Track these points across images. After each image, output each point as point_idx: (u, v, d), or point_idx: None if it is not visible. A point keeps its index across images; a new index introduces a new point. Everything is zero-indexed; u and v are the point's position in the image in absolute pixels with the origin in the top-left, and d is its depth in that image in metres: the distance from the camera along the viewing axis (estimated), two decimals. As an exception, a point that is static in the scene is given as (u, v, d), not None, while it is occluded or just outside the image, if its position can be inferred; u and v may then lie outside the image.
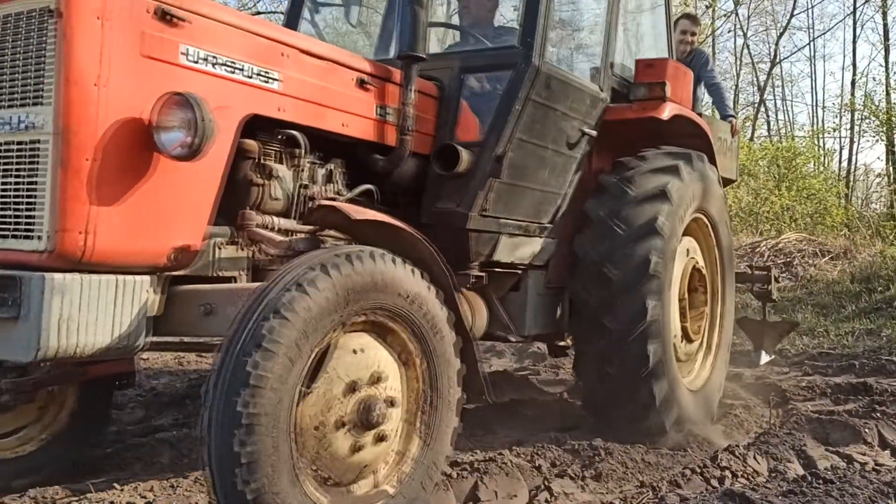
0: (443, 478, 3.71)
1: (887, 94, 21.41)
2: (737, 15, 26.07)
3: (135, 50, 2.91)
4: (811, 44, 29.35)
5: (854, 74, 24.85)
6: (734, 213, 16.48)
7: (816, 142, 23.85)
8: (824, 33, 36.11)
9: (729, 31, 26.84)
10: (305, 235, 3.36)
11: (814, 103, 31.72)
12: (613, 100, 5.21)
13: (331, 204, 3.22)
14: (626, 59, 5.57)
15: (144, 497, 3.61)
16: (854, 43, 34.44)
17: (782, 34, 26.81)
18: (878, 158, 36.20)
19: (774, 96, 29.99)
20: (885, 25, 23.10)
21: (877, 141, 23.87)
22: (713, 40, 24.01)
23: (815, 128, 26.85)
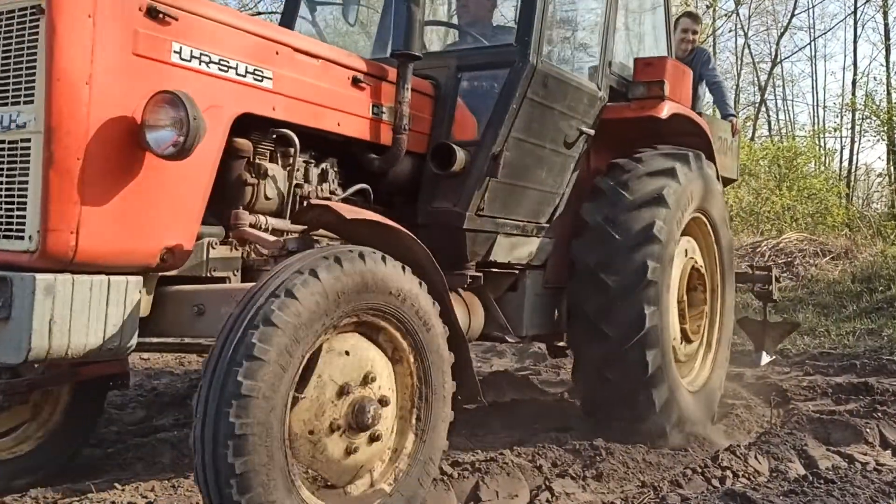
0: (442, 476, 3.71)
1: (888, 93, 21.40)
2: (738, 15, 26.09)
3: (126, 48, 2.88)
4: (812, 43, 29.34)
5: (855, 74, 24.83)
6: (735, 212, 16.47)
7: (817, 141, 23.85)
8: (825, 33, 36.08)
9: (730, 31, 26.89)
10: (298, 235, 3.32)
11: (815, 103, 31.90)
12: (612, 99, 5.16)
13: (323, 203, 3.18)
14: (627, 58, 5.54)
15: (146, 497, 3.60)
16: (855, 43, 34.57)
17: (783, 34, 26.81)
18: (879, 158, 36.14)
19: (775, 96, 29.99)
20: (886, 25, 23.06)
21: (878, 140, 23.86)
22: (714, 40, 24.00)
23: (815, 127, 26.83)
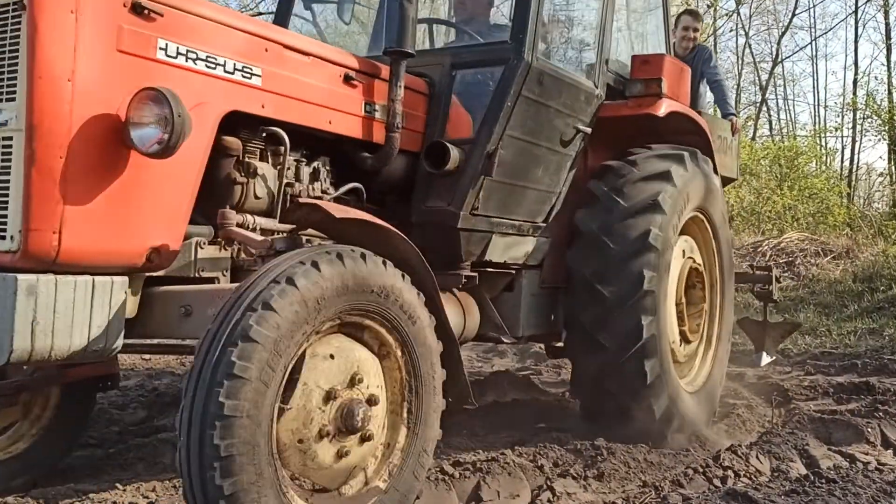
0: (443, 476, 3.70)
1: (889, 93, 21.33)
2: (738, 14, 26.02)
3: (109, 45, 2.83)
4: (813, 43, 29.24)
5: (856, 74, 24.72)
6: (736, 212, 16.43)
7: (818, 141, 23.78)
8: (826, 32, 36.03)
9: (731, 31, 26.82)
10: (286, 235, 3.27)
11: (816, 102, 31.73)
12: (610, 97, 5.12)
13: (311, 202, 3.12)
14: (629, 57, 5.48)
15: (147, 497, 3.58)
16: (856, 42, 34.32)
17: (784, 33, 26.70)
18: (881, 158, 35.94)
19: (776, 96, 29.90)
20: (887, 25, 22.99)
21: (879, 140, 23.79)
22: (715, 39, 23.93)
23: (817, 127, 26.75)
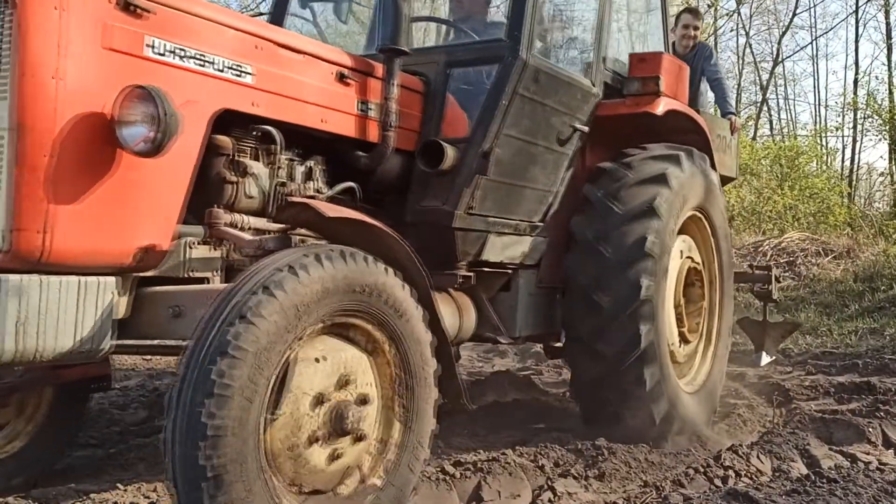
0: (444, 476, 3.68)
1: (890, 92, 21.28)
2: (739, 14, 26.02)
3: (95, 42, 2.79)
4: (813, 43, 29.21)
5: (856, 73, 24.70)
6: (737, 212, 16.40)
7: (819, 141, 23.75)
8: (826, 32, 36.01)
9: (731, 31, 26.82)
10: (276, 234, 3.23)
11: (816, 102, 31.73)
12: (608, 95, 5.08)
13: (302, 201, 3.07)
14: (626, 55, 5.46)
15: (148, 497, 3.57)
16: (856, 42, 34.33)
17: (784, 33, 26.68)
18: (881, 157, 35.89)
19: (777, 95, 29.88)
20: (888, 24, 22.99)
21: (879, 140, 23.77)
22: (715, 39, 23.90)
23: (817, 127, 26.70)
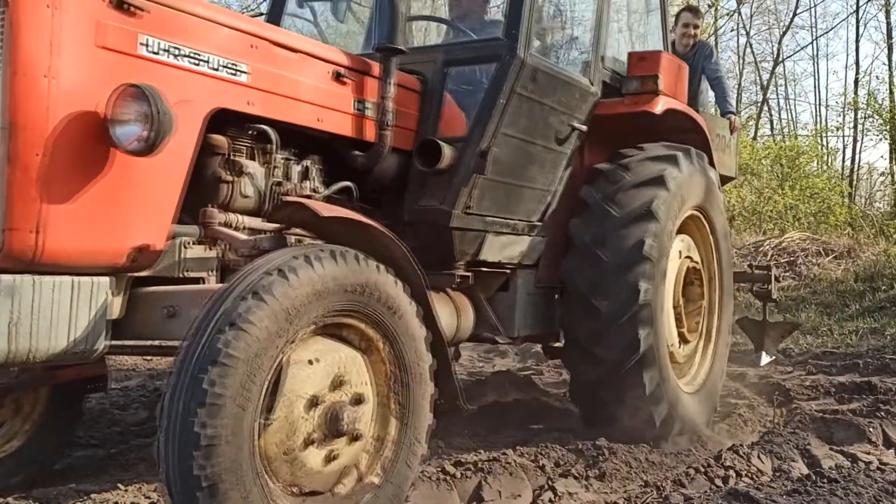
0: (445, 476, 3.67)
1: (891, 92, 21.26)
2: (739, 14, 26.02)
3: (88, 40, 2.77)
4: (814, 42, 29.19)
5: (857, 73, 24.70)
6: (738, 212, 16.38)
7: (820, 140, 23.74)
8: (827, 32, 35.81)
9: (732, 31, 26.81)
10: (271, 234, 3.21)
11: (817, 102, 31.69)
12: (607, 94, 5.05)
13: (297, 200, 3.05)
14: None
15: (149, 497, 3.56)
16: (857, 42, 34.11)
17: (785, 33, 26.66)
18: (882, 157, 35.88)
19: (777, 95, 29.85)
20: (889, 24, 22.99)
21: (880, 139, 23.74)
22: (716, 39, 23.88)
23: (818, 126, 26.67)
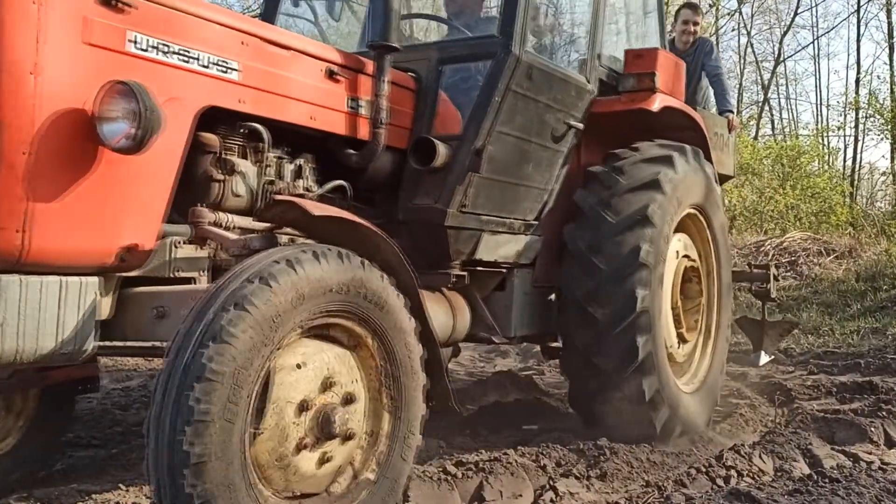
0: (446, 476, 3.65)
1: (892, 91, 21.29)
2: (740, 13, 26.05)
3: (75, 37, 2.74)
4: (815, 42, 29.21)
5: (858, 73, 24.75)
6: (739, 211, 16.36)
7: (821, 140, 23.76)
8: (828, 32, 35.92)
9: (733, 30, 26.86)
10: (262, 233, 3.17)
11: (818, 102, 31.75)
12: (603, 92, 5.01)
13: (288, 199, 3.00)
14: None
15: (150, 498, 3.46)
16: (858, 41, 33.85)
17: (786, 33, 26.72)
18: (883, 157, 35.90)
19: (778, 95, 29.90)
20: (890, 24, 23.03)
21: (881, 139, 23.80)
22: (717, 39, 23.88)
23: (819, 126, 26.73)
